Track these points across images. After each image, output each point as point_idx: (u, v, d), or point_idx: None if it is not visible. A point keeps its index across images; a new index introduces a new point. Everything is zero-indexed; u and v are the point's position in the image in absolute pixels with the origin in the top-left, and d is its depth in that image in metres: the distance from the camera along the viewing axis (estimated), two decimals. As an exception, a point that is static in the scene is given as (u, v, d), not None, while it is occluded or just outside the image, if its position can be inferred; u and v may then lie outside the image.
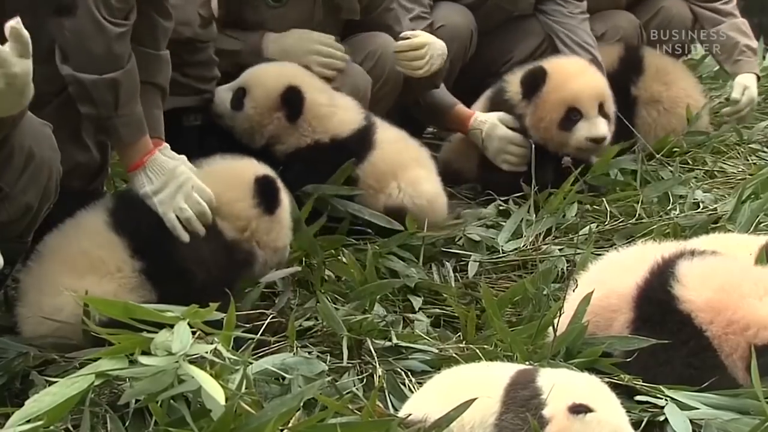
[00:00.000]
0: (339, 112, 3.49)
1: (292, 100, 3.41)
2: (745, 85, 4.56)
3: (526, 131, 3.95)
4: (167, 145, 2.80)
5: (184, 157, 2.79)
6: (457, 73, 4.24)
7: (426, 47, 3.74)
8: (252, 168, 2.85)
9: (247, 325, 2.54)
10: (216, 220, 2.72)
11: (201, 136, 3.48)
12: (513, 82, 4.03)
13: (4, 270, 2.56)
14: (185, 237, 2.67)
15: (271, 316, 2.61)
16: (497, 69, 4.34)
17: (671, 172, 4.04)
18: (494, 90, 4.14)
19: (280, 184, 2.86)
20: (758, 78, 4.68)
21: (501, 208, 3.74)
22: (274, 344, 2.50)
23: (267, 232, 2.79)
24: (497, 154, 3.99)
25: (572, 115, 3.88)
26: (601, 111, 3.91)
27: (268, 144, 3.42)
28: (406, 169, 3.51)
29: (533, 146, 3.81)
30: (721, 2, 4.74)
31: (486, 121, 4.00)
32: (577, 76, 3.94)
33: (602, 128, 3.89)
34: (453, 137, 4.28)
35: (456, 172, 4.11)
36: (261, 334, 2.43)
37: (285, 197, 2.89)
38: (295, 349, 2.48)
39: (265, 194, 2.78)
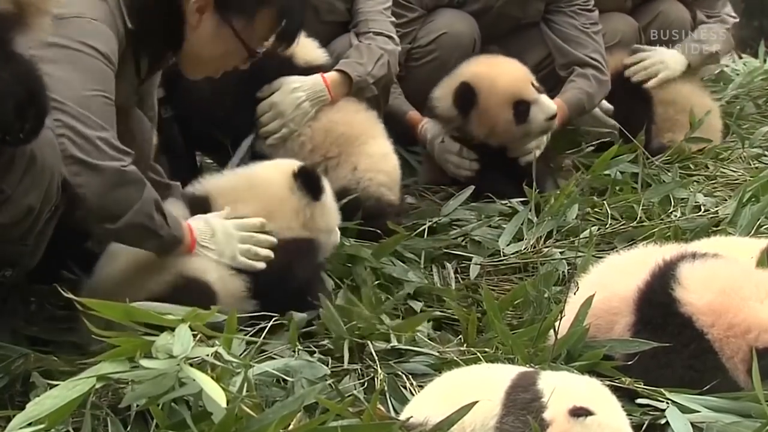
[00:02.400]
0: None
1: None
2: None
3: (472, 139, 3.99)
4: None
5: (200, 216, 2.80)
6: None
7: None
8: (282, 168, 2.95)
9: (250, 329, 2.54)
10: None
11: (177, 125, 3.56)
12: (441, 97, 4.04)
13: (5, 272, 2.56)
14: (261, 266, 2.75)
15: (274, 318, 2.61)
16: None
17: (671, 175, 4.05)
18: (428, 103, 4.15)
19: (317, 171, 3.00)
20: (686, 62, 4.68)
21: (504, 209, 3.75)
22: (276, 347, 2.50)
23: (321, 216, 2.90)
24: (440, 161, 4.04)
25: (521, 107, 3.90)
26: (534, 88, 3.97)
27: None
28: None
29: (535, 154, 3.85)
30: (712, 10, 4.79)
31: (429, 129, 4.06)
32: (501, 73, 3.96)
33: (551, 103, 3.94)
34: (423, 156, 4.30)
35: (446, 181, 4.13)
36: (263, 337, 2.43)
37: (325, 182, 2.99)
38: (297, 352, 2.48)
39: (307, 184, 2.89)
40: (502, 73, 3.95)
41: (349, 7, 3.91)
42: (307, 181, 2.90)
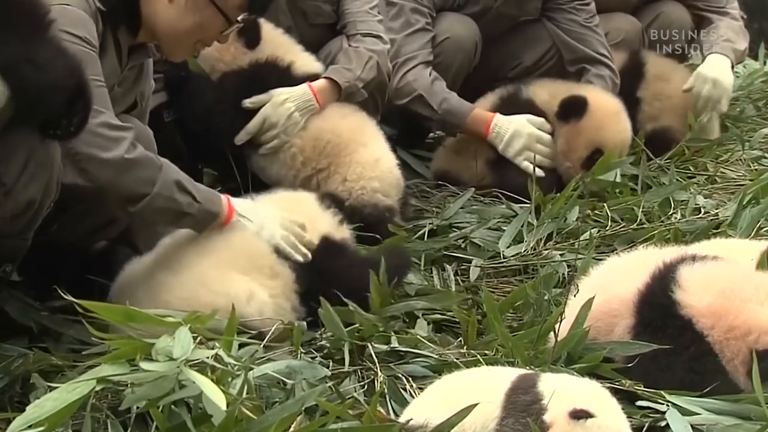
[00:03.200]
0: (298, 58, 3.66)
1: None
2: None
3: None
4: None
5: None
6: (461, 82, 4.24)
7: None
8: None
9: (252, 331, 2.54)
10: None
11: (179, 130, 3.56)
12: (539, 92, 4.09)
13: (5, 267, 2.56)
14: (301, 257, 2.83)
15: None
16: (504, 75, 4.36)
17: (671, 177, 4.05)
18: (509, 93, 4.16)
19: None
20: (732, 63, 4.60)
21: (504, 212, 3.75)
22: (277, 349, 2.50)
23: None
24: (520, 152, 4.00)
25: (596, 157, 3.96)
26: None
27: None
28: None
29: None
30: (718, 5, 4.77)
31: (513, 120, 4.03)
32: (612, 119, 4.03)
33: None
34: (446, 144, 4.28)
35: (453, 179, 4.12)
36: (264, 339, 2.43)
37: None
38: (298, 354, 2.48)
39: (335, 205, 3.10)
40: (616, 121, 4.04)
41: (335, 8, 3.90)
42: (334, 203, 3.11)
